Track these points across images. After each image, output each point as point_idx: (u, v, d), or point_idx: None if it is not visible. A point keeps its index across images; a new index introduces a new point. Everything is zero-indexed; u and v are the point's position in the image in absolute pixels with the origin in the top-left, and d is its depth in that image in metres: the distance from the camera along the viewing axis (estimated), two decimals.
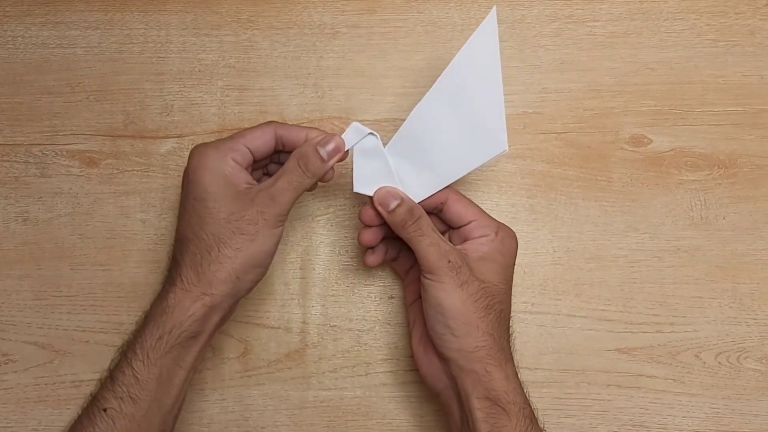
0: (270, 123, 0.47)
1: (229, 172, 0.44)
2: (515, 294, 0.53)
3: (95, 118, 0.55)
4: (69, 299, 0.53)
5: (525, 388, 0.45)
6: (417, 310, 0.49)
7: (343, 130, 0.46)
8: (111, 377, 0.43)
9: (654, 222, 0.54)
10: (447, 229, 0.49)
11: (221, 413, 0.53)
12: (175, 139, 0.55)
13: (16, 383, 0.53)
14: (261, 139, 0.46)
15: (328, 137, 0.46)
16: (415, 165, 0.47)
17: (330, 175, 0.47)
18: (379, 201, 0.46)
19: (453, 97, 0.45)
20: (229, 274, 0.43)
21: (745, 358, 0.53)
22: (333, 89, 0.56)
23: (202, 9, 0.56)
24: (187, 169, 0.45)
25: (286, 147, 0.47)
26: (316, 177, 0.45)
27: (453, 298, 0.44)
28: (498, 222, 0.47)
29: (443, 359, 0.45)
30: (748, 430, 0.52)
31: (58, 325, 0.53)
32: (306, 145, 0.45)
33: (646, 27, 0.56)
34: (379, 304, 0.54)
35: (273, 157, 0.48)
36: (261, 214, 0.44)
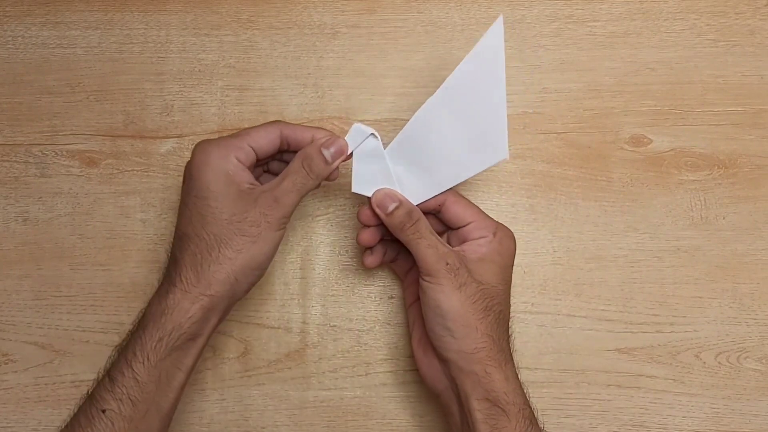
0: (275, 123, 0.46)
1: (232, 171, 0.44)
2: (515, 294, 0.53)
3: (95, 118, 0.55)
4: (69, 299, 0.53)
5: (525, 388, 0.45)
6: (416, 311, 0.49)
7: (344, 129, 0.47)
8: (110, 378, 0.42)
9: (654, 222, 0.54)
10: (445, 230, 0.49)
11: (221, 413, 0.53)
12: (175, 139, 0.55)
13: (16, 383, 0.53)
14: (265, 139, 0.45)
15: (332, 139, 0.45)
16: (415, 168, 0.47)
17: (335, 175, 0.46)
18: (377, 203, 0.46)
19: (456, 104, 0.45)
20: (228, 275, 0.43)
21: (745, 358, 0.53)
22: (333, 89, 0.56)
23: (202, 9, 0.56)
24: (190, 166, 0.44)
25: (291, 147, 0.46)
26: (320, 179, 0.45)
27: (452, 300, 0.44)
28: (496, 223, 0.47)
29: (443, 360, 0.45)
30: (748, 430, 0.52)
31: (58, 325, 0.53)
32: (311, 147, 0.45)
33: (646, 27, 0.56)
34: (379, 304, 0.54)
35: (275, 155, 0.48)
36: (264, 216, 0.43)
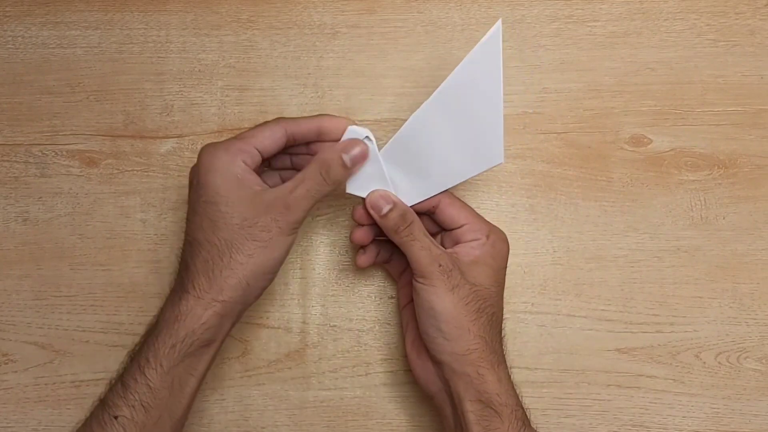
0: (278, 121, 0.46)
1: (240, 174, 0.43)
2: (515, 294, 0.53)
3: (95, 118, 0.55)
4: (69, 299, 0.53)
5: (518, 389, 0.45)
6: (410, 313, 0.49)
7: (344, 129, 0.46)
8: (123, 384, 0.42)
9: (654, 222, 0.54)
10: (439, 231, 0.49)
11: (221, 413, 0.53)
12: (175, 139, 0.55)
13: (16, 383, 0.53)
14: (270, 139, 0.45)
15: (351, 143, 0.45)
16: (409, 170, 0.47)
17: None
18: (372, 204, 0.46)
19: (452, 107, 0.45)
20: (240, 280, 0.43)
21: (745, 358, 0.53)
22: (333, 89, 0.56)
23: (202, 9, 0.56)
24: (197, 170, 0.44)
25: (297, 141, 0.46)
26: (336, 185, 0.45)
27: (444, 301, 0.44)
28: (490, 225, 0.47)
29: (436, 362, 0.45)
30: (748, 430, 0.52)
31: (58, 325, 0.53)
32: (330, 152, 0.45)
33: (646, 27, 0.56)
34: (379, 304, 0.54)
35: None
36: (275, 221, 0.43)
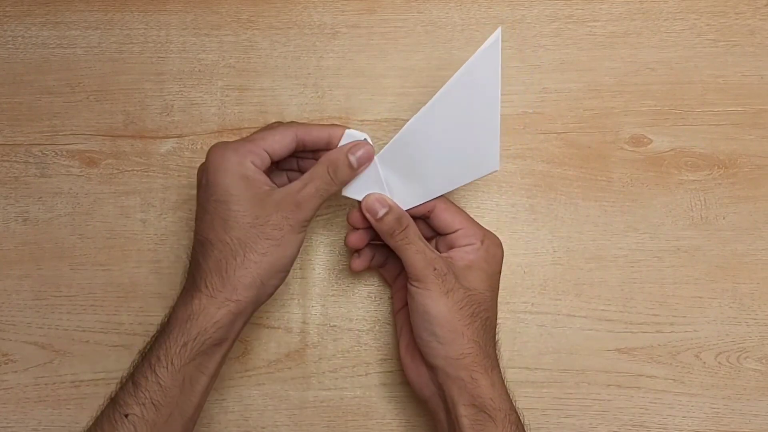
0: (290, 126, 0.46)
1: (250, 175, 0.44)
2: (515, 294, 0.53)
3: (95, 118, 0.55)
4: (69, 299, 0.53)
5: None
6: (404, 317, 0.49)
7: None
8: (133, 383, 0.42)
9: (654, 222, 0.54)
10: (434, 235, 0.49)
11: (221, 413, 0.53)
12: (175, 139, 0.55)
13: (16, 383, 0.53)
14: (280, 144, 0.45)
15: (357, 145, 0.45)
16: (405, 175, 0.47)
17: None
18: (367, 208, 0.46)
19: (450, 113, 0.45)
20: (254, 279, 0.43)
21: (745, 358, 0.53)
22: (333, 89, 0.56)
23: (202, 9, 0.56)
24: (206, 169, 0.44)
25: (307, 148, 0.46)
26: (342, 184, 0.46)
27: (439, 305, 0.44)
28: (484, 230, 0.47)
29: (430, 367, 0.45)
30: (748, 430, 0.52)
31: (58, 325, 0.53)
32: (337, 152, 0.45)
33: (646, 27, 0.56)
34: (379, 304, 0.54)
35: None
36: (287, 219, 0.44)
